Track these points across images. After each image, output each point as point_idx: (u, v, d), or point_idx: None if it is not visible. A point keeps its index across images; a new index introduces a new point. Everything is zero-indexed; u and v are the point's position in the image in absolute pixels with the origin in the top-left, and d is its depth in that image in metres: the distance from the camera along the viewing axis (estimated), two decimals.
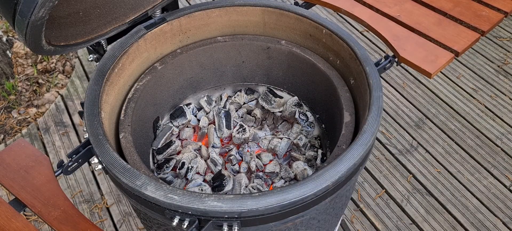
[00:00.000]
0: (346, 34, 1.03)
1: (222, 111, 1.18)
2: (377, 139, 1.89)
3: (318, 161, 1.07)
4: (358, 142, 0.80)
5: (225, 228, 0.72)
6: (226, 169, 1.09)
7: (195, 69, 1.19)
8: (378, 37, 1.12)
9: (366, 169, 1.78)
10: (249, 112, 1.24)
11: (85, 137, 0.84)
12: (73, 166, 0.85)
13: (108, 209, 1.66)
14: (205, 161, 1.09)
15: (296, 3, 1.19)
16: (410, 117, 1.99)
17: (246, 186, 1.02)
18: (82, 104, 0.90)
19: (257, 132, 1.17)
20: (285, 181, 1.05)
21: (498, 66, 2.25)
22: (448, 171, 1.77)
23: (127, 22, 1.03)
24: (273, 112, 1.22)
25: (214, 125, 1.17)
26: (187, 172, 1.05)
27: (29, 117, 2.03)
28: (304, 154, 1.10)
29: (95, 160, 0.84)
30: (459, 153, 1.83)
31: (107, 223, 1.62)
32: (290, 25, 1.13)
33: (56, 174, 0.85)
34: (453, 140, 1.89)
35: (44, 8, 0.71)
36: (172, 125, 1.16)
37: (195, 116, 1.22)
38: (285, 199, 0.71)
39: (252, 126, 1.21)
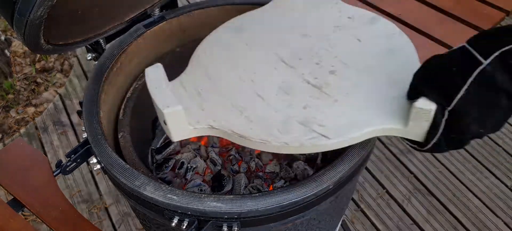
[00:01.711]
0: None
1: None
2: (378, 138, 1.88)
3: (319, 161, 1.07)
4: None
5: (225, 228, 0.71)
6: (225, 169, 1.08)
7: None
8: None
9: (367, 169, 1.77)
10: None
11: (84, 136, 0.84)
12: (71, 165, 0.85)
13: (106, 209, 1.65)
14: (205, 160, 1.09)
15: None
16: None
17: (246, 186, 1.01)
18: (80, 103, 0.90)
19: None
20: (285, 181, 1.05)
21: None
22: (450, 171, 1.76)
23: (126, 21, 1.03)
24: None
25: None
26: (186, 172, 1.04)
27: (28, 116, 2.02)
28: (305, 154, 1.10)
29: (93, 160, 0.83)
30: (460, 152, 1.83)
31: (105, 223, 1.61)
32: None
33: (54, 174, 0.84)
34: None
35: (42, 7, 0.70)
36: None
37: None
38: (285, 199, 0.71)
39: None
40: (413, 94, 0.63)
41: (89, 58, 1.11)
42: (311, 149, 0.67)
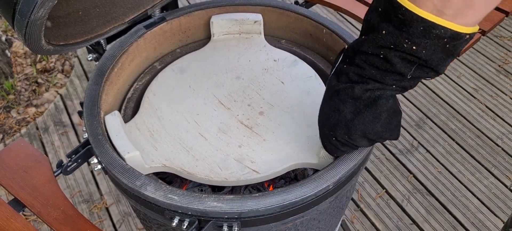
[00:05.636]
0: (347, 34, 1.03)
1: None
2: None
3: None
4: None
5: (225, 228, 0.72)
6: None
7: None
8: None
9: (366, 169, 1.78)
10: None
11: (84, 136, 0.84)
12: (72, 166, 0.85)
13: (107, 209, 1.66)
14: None
15: (296, 2, 1.18)
16: (411, 116, 1.99)
17: (246, 187, 1.01)
18: (81, 104, 0.90)
19: None
20: (285, 181, 1.05)
21: (499, 66, 2.25)
22: (449, 171, 1.76)
23: (127, 21, 1.03)
24: None
25: None
26: None
27: (28, 117, 2.03)
28: None
29: (94, 160, 0.83)
30: (459, 152, 1.83)
31: (106, 223, 1.62)
32: (290, 25, 1.12)
33: (55, 174, 0.84)
34: (453, 140, 1.88)
35: (43, 7, 0.70)
36: None
37: None
38: (285, 199, 0.71)
39: None
40: None
41: (90, 58, 1.11)
42: (245, 182, 0.79)
